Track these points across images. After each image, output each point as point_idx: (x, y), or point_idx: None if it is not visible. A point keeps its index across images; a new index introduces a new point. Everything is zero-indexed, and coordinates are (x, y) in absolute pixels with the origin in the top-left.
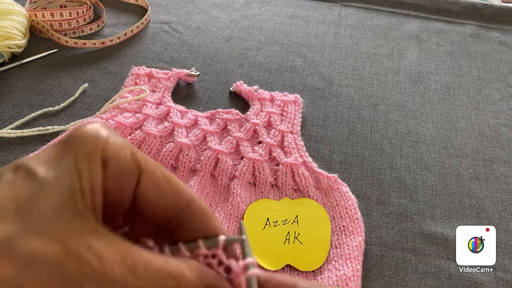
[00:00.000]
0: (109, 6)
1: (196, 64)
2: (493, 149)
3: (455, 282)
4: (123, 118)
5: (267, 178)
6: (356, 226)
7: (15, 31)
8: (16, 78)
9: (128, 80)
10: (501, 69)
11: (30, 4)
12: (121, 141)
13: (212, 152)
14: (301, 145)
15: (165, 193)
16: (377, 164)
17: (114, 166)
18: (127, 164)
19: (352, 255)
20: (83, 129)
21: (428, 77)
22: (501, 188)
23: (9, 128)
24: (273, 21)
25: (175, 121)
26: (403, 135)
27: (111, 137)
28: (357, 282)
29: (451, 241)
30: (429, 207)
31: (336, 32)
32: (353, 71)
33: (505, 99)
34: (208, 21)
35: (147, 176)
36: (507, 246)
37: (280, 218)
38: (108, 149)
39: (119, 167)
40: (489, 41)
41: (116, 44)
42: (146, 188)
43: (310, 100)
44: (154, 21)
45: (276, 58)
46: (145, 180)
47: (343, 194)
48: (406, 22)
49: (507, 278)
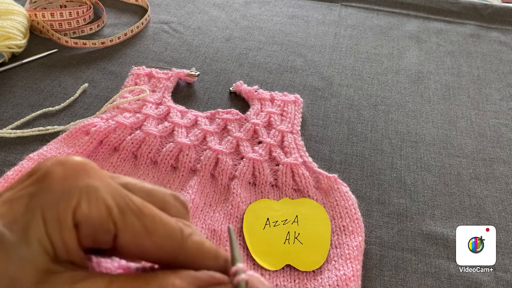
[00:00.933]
0: (109, 6)
1: (196, 64)
2: (493, 149)
3: (455, 282)
4: (123, 118)
5: (267, 178)
6: (356, 226)
7: (15, 31)
8: (16, 78)
9: (128, 80)
10: (501, 69)
11: (30, 4)
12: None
13: (212, 152)
14: (301, 145)
15: (147, 249)
16: (377, 164)
17: (87, 229)
18: (101, 224)
19: (352, 255)
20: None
21: (428, 77)
22: (501, 188)
23: (9, 128)
24: (273, 21)
25: (175, 121)
26: (403, 135)
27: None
28: (357, 282)
29: (451, 241)
30: (429, 207)
31: (336, 32)
32: (353, 71)
33: (505, 99)
34: (208, 21)
35: (124, 234)
36: (507, 246)
37: (280, 218)
38: (80, 212)
39: (93, 229)
40: (489, 41)
41: (116, 44)
42: (126, 244)
43: (310, 100)
44: (154, 21)
45: (276, 58)
46: (123, 237)
47: (343, 194)
48: (406, 22)
49: (507, 278)
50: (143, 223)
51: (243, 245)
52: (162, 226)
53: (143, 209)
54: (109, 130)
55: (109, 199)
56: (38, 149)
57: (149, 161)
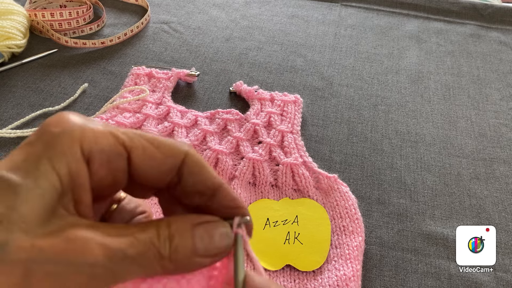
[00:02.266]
0: (109, 6)
1: (196, 64)
2: (493, 149)
3: (455, 282)
4: (123, 118)
5: (267, 178)
6: (356, 226)
7: (15, 31)
8: (16, 78)
9: (128, 80)
10: (501, 69)
11: (30, 4)
12: (97, 126)
13: (212, 152)
14: (301, 145)
15: (157, 160)
16: (377, 164)
17: (100, 157)
18: (113, 149)
19: (352, 255)
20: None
21: (428, 77)
22: (501, 188)
23: (9, 128)
24: (273, 21)
25: (175, 121)
26: (403, 135)
27: (86, 126)
28: (357, 282)
29: (451, 241)
30: (429, 207)
31: (336, 32)
32: (353, 71)
33: (505, 99)
34: (208, 21)
35: (136, 152)
36: (507, 246)
37: (280, 218)
38: (87, 141)
39: (106, 156)
40: (489, 41)
41: (116, 44)
42: (139, 163)
43: (310, 100)
44: (154, 21)
45: (276, 58)
46: (136, 157)
47: (343, 194)
48: (406, 22)
49: (507, 278)
50: (149, 140)
51: None
52: (165, 141)
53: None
54: None
55: (110, 128)
56: None
57: None
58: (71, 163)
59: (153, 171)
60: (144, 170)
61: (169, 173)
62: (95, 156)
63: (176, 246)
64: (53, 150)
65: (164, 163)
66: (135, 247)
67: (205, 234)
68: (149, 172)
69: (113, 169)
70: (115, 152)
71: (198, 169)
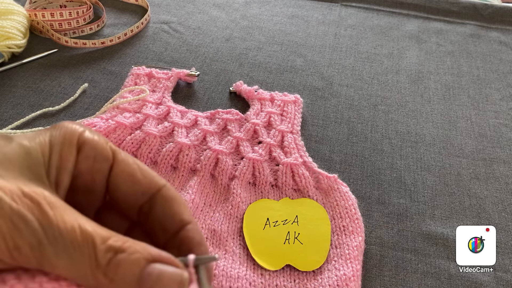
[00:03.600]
0: (109, 6)
1: (196, 64)
2: (493, 149)
3: (455, 282)
4: (123, 118)
5: (267, 178)
6: (356, 226)
7: (15, 31)
8: (16, 78)
9: (128, 80)
10: (501, 69)
11: (30, 4)
12: (98, 134)
13: (212, 152)
14: (301, 145)
15: (137, 179)
16: (377, 164)
17: (89, 151)
18: (103, 150)
19: (352, 255)
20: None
21: (428, 77)
22: (501, 188)
23: (9, 128)
24: (273, 21)
25: (175, 121)
26: (403, 135)
27: (89, 129)
28: (357, 282)
29: (451, 241)
30: (429, 207)
31: (336, 32)
32: (353, 71)
33: (505, 99)
34: (208, 21)
35: (120, 163)
36: (507, 246)
37: (280, 218)
38: (85, 135)
39: (94, 152)
40: (489, 41)
41: (116, 44)
42: (119, 174)
43: (310, 100)
44: (154, 21)
45: (276, 58)
46: (118, 167)
47: (343, 194)
48: (406, 22)
49: (507, 278)
50: (135, 162)
51: (243, 245)
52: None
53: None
54: (109, 130)
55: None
56: None
57: (149, 161)
58: (65, 144)
59: (128, 188)
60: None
61: (143, 196)
62: (85, 148)
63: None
64: (55, 130)
65: (141, 183)
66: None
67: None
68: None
69: (95, 169)
70: (103, 154)
71: (170, 203)
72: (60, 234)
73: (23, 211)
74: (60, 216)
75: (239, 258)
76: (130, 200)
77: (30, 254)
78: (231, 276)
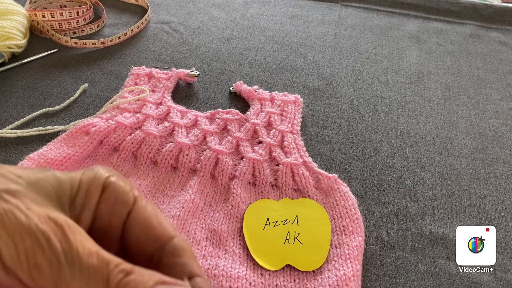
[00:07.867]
0: (109, 6)
1: (196, 64)
2: (493, 149)
3: (455, 282)
4: (123, 118)
5: (267, 178)
6: (356, 226)
7: (15, 31)
8: (16, 78)
9: (128, 80)
10: (501, 69)
11: (30, 4)
12: (124, 179)
13: (212, 152)
14: (301, 145)
15: (152, 225)
16: (377, 164)
17: (111, 193)
18: (124, 193)
19: (352, 255)
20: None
21: (428, 77)
22: (501, 188)
23: (9, 128)
24: (273, 21)
25: (175, 121)
26: (403, 135)
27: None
28: (357, 282)
29: (451, 241)
30: (429, 207)
31: (336, 32)
32: (353, 71)
33: (505, 99)
34: (208, 21)
35: (139, 208)
36: (507, 246)
37: (280, 218)
38: (111, 179)
39: (116, 195)
40: (489, 41)
41: (116, 44)
42: (135, 218)
43: (310, 100)
44: (154, 21)
45: (276, 58)
46: (136, 212)
47: (343, 194)
48: (406, 22)
49: (507, 278)
50: (153, 207)
51: (243, 245)
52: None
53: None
54: (109, 130)
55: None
56: (38, 149)
57: (149, 161)
58: (92, 185)
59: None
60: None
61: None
62: (108, 190)
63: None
64: (88, 171)
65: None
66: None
67: None
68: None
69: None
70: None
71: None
72: (78, 256)
73: (47, 231)
74: (80, 240)
75: (239, 258)
76: (142, 246)
77: (49, 273)
78: (231, 276)
